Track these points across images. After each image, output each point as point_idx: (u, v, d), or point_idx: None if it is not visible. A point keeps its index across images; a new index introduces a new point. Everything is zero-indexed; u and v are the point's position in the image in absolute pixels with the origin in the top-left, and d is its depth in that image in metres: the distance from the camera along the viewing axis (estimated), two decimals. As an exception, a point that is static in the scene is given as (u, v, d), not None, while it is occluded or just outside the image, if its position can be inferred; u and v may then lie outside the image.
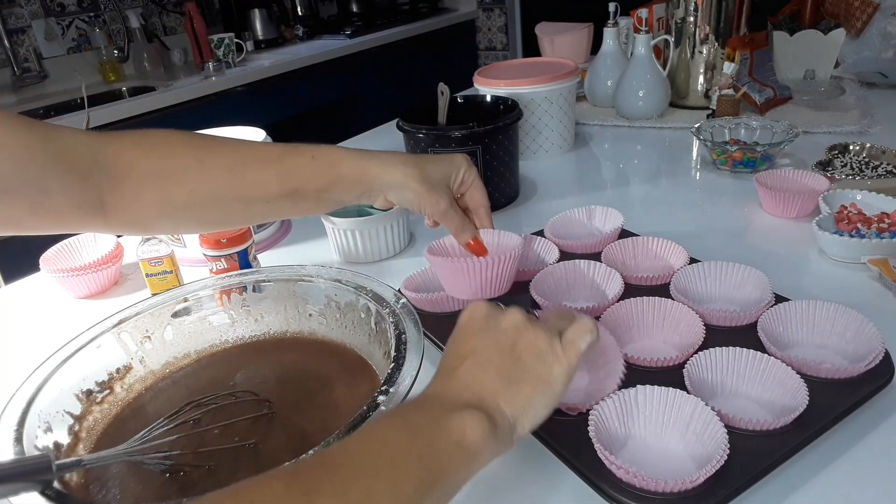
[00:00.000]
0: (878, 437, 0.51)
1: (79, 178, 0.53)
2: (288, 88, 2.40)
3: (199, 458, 0.52)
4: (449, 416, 0.40)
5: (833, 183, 0.89)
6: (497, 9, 3.32)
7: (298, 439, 0.54)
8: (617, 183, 1.09)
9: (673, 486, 0.44)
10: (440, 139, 0.94)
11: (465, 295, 0.63)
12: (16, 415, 0.51)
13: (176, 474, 0.52)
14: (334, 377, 0.61)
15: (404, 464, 0.37)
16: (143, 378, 0.63)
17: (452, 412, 0.40)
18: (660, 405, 0.51)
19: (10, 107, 2.03)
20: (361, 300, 0.62)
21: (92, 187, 0.54)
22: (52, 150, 0.51)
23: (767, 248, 0.82)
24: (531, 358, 0.45)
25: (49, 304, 0.87)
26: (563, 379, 0.45)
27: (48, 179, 0.51)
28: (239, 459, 0.52)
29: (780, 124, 1.06)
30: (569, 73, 1.16)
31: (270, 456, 0.52)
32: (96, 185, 0.54)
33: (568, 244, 0.79)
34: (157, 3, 2.53)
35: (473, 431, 0.39)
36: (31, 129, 0.51)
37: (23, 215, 0.52)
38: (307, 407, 0.58)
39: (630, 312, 0.64)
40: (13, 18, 2.16)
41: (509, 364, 0.44)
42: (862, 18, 1.43)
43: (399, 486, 0.36)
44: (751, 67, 1.29)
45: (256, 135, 0.97)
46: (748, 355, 0.55)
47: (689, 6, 1.31)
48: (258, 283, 0.68)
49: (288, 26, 2.85)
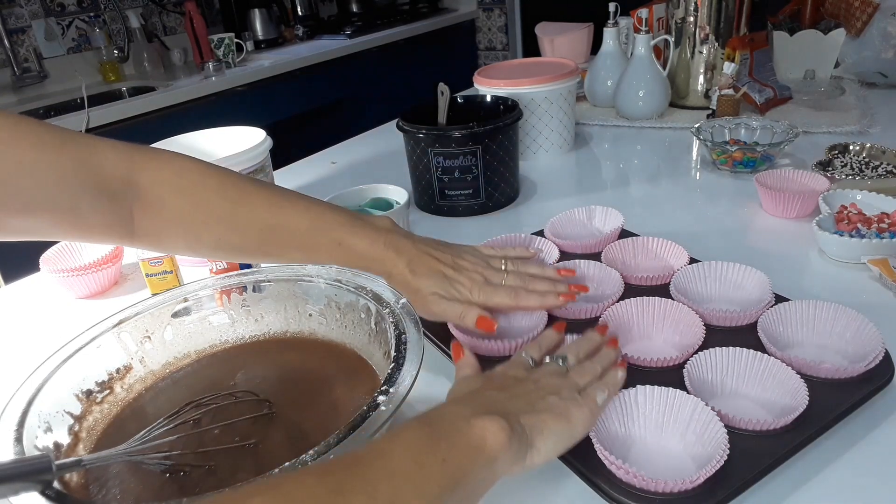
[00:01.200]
0: (878, 437, 0.51)
1: (110, 199, 0.53)
2: (288, 88, 2.40)
3: (199, 458, 0.52)
4: (471, 421, 0.41)
5: (833, 183, 0.89)
6: (497, 9, 3.32)
7: (298, 439, 0.54)
8: (617, 183, 1.09)
9: (673, 487, 0.44)
10: (440, 139, 0.94)
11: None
12: (16, 415, 0.51)
13: (176, 474, 0.51)
14: (334, 377, 0.61)
15: (429, 465, 0.38)
16: (143, 378, 0.63)
17: (474, 417, 0.42)
18: (660, 405, 0.51)
19: (10, 107, 2.03)
20: (361, 300, 0.62)
21: (123, 209, 0.54)
22: (84, 172, 0.52)
23: (767, 248, 0.82)
24: (553, 398, 0.47)
25: (49, 304, 0.87)
26: (583, 422, 0.47)
27: (80, 200, 0.52)
28: (239, 459, 0.52)
29: (780, 124, 1.06)
30: (569, 73, 1.16)
31: (270, 456, 0.52)
32: (127, 208, 0.55)
33: (568, 244, 0.79)
34: (157, 3, 2.53)
35: (494, 436, 0.41)
36: (63, 148, 0.51)
37: (51, 228, 0.52)
38: (307, 407, 0.58)
39: (630, 312, 0.64)
40: (13, 18, 2.16)
41: (533, 395, 0.47)
42: (862, 18, 1.43)
43: (424, 487, 0.37)
44: (751, 67, 1.29)
45: (256, 135, 0.97)
46: (748, 355, 0.55)
47: (689, 6, 1.31)
48: (258, 283, 0.68)
49: (288, 26, 2.85)
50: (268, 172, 0.96)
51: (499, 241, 0.79)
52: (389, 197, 0.93)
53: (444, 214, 1.00)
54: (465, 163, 0.94)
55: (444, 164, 0.95)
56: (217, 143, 1.03)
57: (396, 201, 0.91)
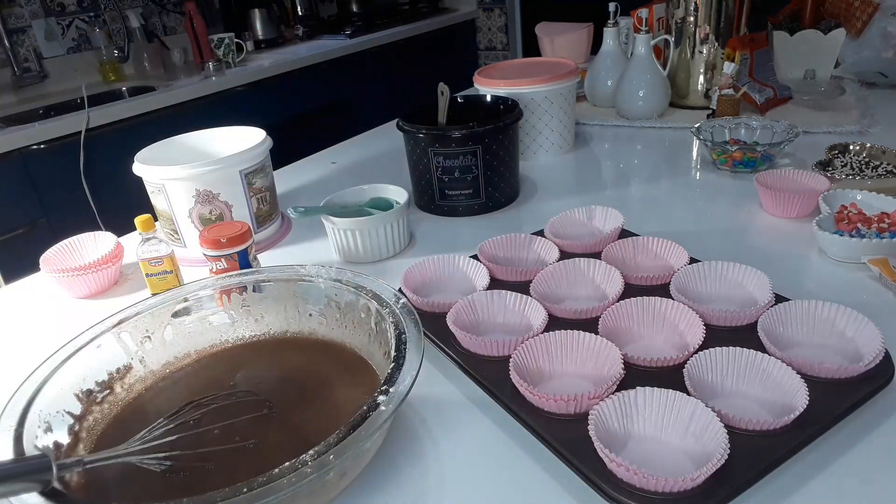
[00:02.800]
0: (878, 437, 0.51)
1: None
2: (288, 88, 2.40)
3: (199, 458, 0.52)
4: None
5: (833, 183, 0.89)
6: (497, 9, 3.32)
7: (298, 439, 0.54)
8: (617, 183, 1.09)
9: (673, 485, 0.44)
10: (440, 139, 0.94)
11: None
12: (16, 415, 0.51)
13: (176, 474, 0.51)
14: (334, 377, 0.61)
15: None
16: (143, 378, 0.63)
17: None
18: (659, 406, 0.51)
19: (10, 107, 2.03)
20: (361, 300, 0.62)
21: None
22: None
23: (767, 248, 0.82)
24: None
25: (49, 304, 0.87)
26: None
27: None
28: (239, 459, 0.52)
29: (780, 124, 1.06)
30: (569, 73, 1.16)
31: (270, 456, 0.52)
32: None
33: (568, 244, 0.79)
34: (157, 3, 2.53)
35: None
36: None
37: None
38: (307, 407, 0.58)
39: (630, 312, 0.64)
40: (13, 18, 2.16)
41: None
42: (862, 18, 1.43)
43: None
44: (751, 67, 1.29)
45: (256, 135, 0.97)
46: (748, 355, 0.55)
47: (689, 6, 1.31)
48: (258, 283, 0.68)
49: (288, 26, 2.85)
50: (268, 172, 0.96)
51: (499, 242, 0.79)
52: (389, 197, 0.93)
53: (444, 214, 1.00)
54: (465, 163, 0.94)
55: (444, 164, 0.95)
56: (217, 143, 1.03)
57: (396, 201, 0.91)
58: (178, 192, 0.88)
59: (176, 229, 0.92)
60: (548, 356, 0.59)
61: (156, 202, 0.92)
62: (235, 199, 0.91)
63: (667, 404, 0.50)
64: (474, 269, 0.75)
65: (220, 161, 0.88)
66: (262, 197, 0.95)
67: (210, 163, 0.88)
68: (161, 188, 0.89)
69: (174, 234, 0.93)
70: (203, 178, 0.88)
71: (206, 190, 0.89)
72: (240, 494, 0.40)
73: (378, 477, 0.52)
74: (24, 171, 1.69)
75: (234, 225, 0.80)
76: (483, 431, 0.56)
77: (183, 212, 0.90)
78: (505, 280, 0.74)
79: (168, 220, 0.92)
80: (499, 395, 0.56)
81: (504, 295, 0.68)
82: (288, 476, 0.41)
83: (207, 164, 0.87)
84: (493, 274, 0.75)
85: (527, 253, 0.79)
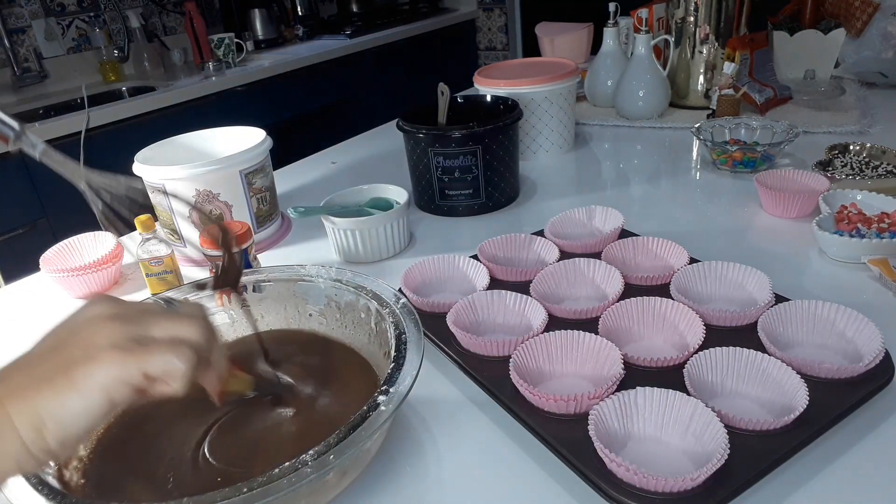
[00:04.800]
0: (878, 437, 0.51)
1: None
2: (288, 88, 2.40)
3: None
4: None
5: (833, 183, 0.89)
6: (497, 9, 3.32)
7: (298, 439, 0.54)
8: (617, 183, 1.09)
9: (673, 485, 0.44)
10: (440, 139, 0.94)
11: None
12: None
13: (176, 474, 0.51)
14: (334, 377, 0.61)
15: None
16: (143, 378, 0.63)
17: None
18: (659, 406, 0.51)
19: (10, 107, 2.03)
20: (361, 300, 0.62)
21: None
22: None
23: (767, 248, 0.82)
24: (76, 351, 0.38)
25: (49, 304, 0.87)
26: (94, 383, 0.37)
27: None
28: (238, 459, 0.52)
29: (780, 124, 1.06)
30: (569, 73, 1.16)
31: (270, 456, 0.52)
32: None
33: (568, 244, 0.79)
34: (157, 3, 2.53)
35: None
36: None
37: None
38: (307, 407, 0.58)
39: (630, 312, 0.64)
40: (13, 18, 2.16)
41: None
42: (862, 18, 1.43)
43: None
44: (751, 67, 1.29)
45: (256, 135, 0.97)
46: (748, 355, 0.55)
47: (689, 6, 1.31)
48: (258, 283, 0.68)
49: (288, 26, 2.85)
50: (268, 172, 0.96)
51: (499, 242, 0.79)
52: (389, 197, 0.93)
53: (444, 214, 1.00)
54: (465, 163, 0.94)
55: (444, 164, 0.95)
56: (217, 143, 1.03)
57: (396, 201, 0.91)
58: (178, 192, 0.88)
59: (176, 229, 0.92)
60: (548, 356, 0.59)
61: (156, 202, 0.92)
62: (235, 199, 0.91)
63: (667, 404, 0.50)
64: (474, 269, 0.75)
65: (220, 161, 0.88)
66: (262, 197, 0.95)
67: (210, 163, 0.88)
68: (161, 188, 0.89)
69: (174, 234, 0.93)
70: (203, 178, 0.88)
71: (206, 190, 0.89)
72: (240, 494, 0.40)
73: (378, 477, 0.52)
74: (25, 171, 1.69)
75: (234, 225, 0.80)
76: (483, 431, 0.56)
77: (183, 212, 0.90)
78: (505, 280, 0.74)
79: (168, 220, 0.92)
80: (499, 395, 0.56)
81: (504, 295, 0.68)
82: (288, 476, 0.41)
83: (207, 164, 0.87)
84: (493, 274, 0.75)
85: (527, 253, 0.79)
